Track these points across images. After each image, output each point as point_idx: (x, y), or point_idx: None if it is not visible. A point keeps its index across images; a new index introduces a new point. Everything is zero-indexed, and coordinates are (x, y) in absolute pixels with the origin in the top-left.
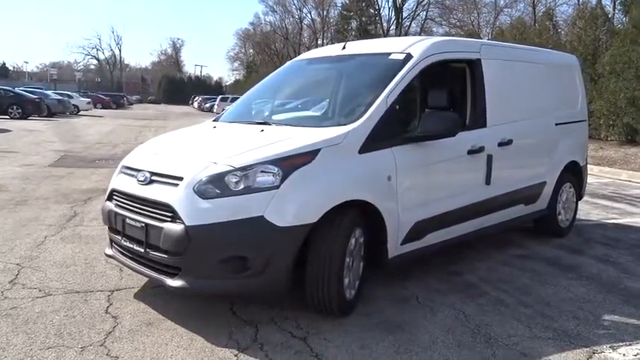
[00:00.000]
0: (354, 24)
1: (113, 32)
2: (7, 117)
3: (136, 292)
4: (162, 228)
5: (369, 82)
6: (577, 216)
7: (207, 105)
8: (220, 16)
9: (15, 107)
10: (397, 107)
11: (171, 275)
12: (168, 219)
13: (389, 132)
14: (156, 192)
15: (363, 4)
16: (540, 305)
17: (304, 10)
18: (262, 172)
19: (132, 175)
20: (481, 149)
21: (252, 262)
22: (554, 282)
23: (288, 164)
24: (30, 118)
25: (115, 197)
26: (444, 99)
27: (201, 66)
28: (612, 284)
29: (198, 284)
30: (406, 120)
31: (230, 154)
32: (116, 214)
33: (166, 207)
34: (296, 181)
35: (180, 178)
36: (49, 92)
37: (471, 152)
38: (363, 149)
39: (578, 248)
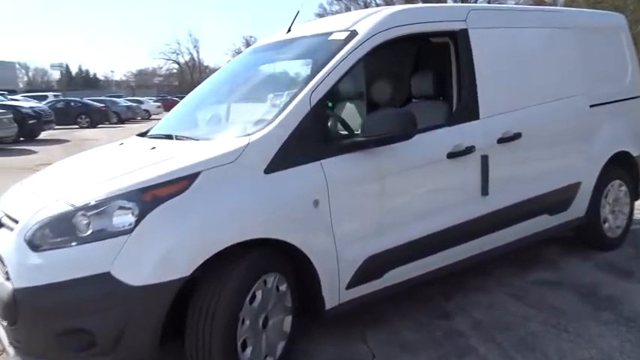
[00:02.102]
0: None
1: (190, 35)
2: (77, 126)
3: None
4: None
5: (295, 74)
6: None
7: None
8: (287, 10)
9: (83, 117)
10: (329, 105)
11: (16, 348)
12: (5, 276)
13: (314, 140)
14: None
15: None
16: None
17: None
18: (121, 208)
19: None
20: (470, 150)
21: (98, 336)
22: (576, 329)
23: (148, 197)
24: (99, 126)
25: None
26: (418, 86)
27: None
28: None
29: None
30: (346, 121)
31: (82, 187)
32: None
33: (1, 260)
34: (158, 220)
35: (17, 222)
36: (119, 99)
37: (453, 155)
38: (273, 167)
39: (628, 268)
